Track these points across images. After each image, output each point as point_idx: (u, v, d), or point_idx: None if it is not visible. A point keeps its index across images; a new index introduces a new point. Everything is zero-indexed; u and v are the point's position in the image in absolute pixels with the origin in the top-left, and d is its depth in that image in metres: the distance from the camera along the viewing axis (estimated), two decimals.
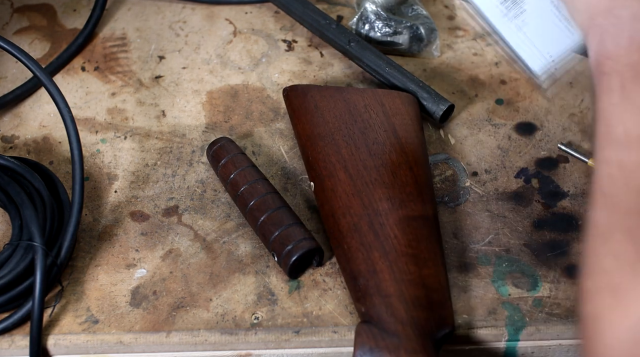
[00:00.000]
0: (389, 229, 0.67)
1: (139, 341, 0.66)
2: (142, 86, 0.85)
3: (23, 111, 0.83)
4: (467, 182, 0.76)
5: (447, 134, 0.80)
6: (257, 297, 0.68)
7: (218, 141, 0.76)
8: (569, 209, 0.74)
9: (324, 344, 0.66)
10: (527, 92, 0.84)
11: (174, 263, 0.70)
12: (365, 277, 0.65)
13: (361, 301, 0.64)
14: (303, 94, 0.78)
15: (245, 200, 0.71)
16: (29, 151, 0.79)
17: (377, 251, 0.66)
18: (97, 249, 0.72)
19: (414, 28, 0.86)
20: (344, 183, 0.70)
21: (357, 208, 0.68)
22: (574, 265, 0.70)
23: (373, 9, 0.86)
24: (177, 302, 0.68)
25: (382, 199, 0.69)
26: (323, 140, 0.73)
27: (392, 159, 0.72)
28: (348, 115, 0.75)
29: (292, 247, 0.67)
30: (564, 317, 0.67)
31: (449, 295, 0.66)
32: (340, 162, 0.72)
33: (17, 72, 0.86)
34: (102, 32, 0.91)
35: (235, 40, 0.90)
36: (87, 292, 0.69)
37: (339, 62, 0.87)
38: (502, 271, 0.70)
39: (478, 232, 0.72)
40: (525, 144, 0.79)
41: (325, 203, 0.70)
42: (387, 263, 0.65)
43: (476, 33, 0.90)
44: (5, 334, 0.66)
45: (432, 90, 0.80)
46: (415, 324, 0.62)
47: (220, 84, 0.85)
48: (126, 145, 0.80)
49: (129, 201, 0.75)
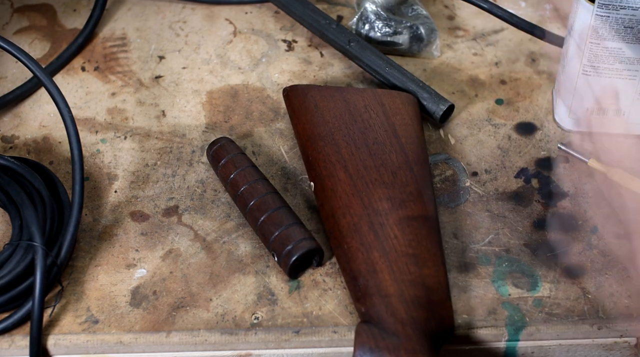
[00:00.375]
0: (389, 229, 0.67)
1: (139, 341, 0.66)
2: (142, 86, 0.85)
3: (23, 111, 0.83)
4: (467, 182, 0.76)
5: (447, 134, 0.80)
6: (257, 297, 0.68)
7: (218, 141, 0.76)
8: (569, 209, 0.74)
9: (324, 344, 0.66)
10: (527, 92, 0.84)
11: (174, 263, 0.70)
12: (365, 277, 0.65)
13: (361, 301, 0.64)
14: (303, 94, 0.78)
15: (245, 200, 0.71)
16: (29, 151, 0.79)
17: (377, 251, 0.66)
18: (97, 249, 0.72)
19: (414, 28, 0.86)
20: (344, 183, 0.70)
21: (357, 208, 0.68)
22: (574, 265, 0.70)
23: (373, 8, 0.86)
24: (177, 302, 0.68)
25: (382, 199, 0.69)
26: (323, 140, 0.73)
27: (392, 159, 0.72)
28: (348, 115, 0.75)
29: (292, 247, 0.67)
30: (564, 317, 0.67)
31: (448, 295, 0.66)
32: (340, 162, 0.72)
33: (17, 72, 0.86)
34: (102, 32, 0.91)
35: (235, 40, 0.90)
36: (87, 292, 0.69)
37: (339, 62, 0.87)
38: (502, 271, 0.70)
39: (478, 232, 0.72)
40: (525, 144, 0.79)
41: (325, 203, 0.70)
42: (387, 263, 0.65)
43: (476, 33, 0.90)
44: (5, 334, 0.66)
45: (432, 90, 0.80)
46: (415, 324, 0.62)
47: (220, 84, 0.85)
48: (126, 145, 0.80)
49: (129, 201, 0.75)
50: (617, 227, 0.72)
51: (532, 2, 0.93)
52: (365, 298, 0.64)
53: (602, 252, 0.70)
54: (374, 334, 0.61)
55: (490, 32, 0.90)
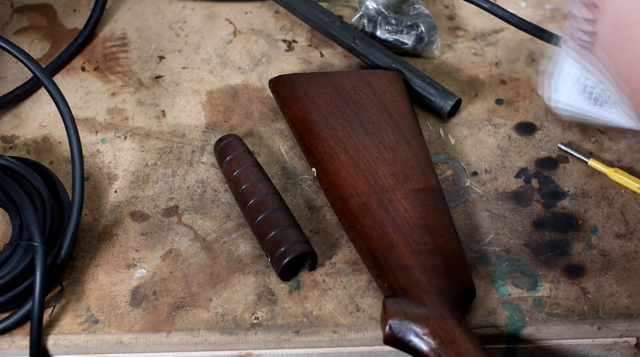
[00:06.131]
0: (398, 203, 0.68)
1: (139, 341, 0.66)
2: (142, 86, 0.85)
3: (23, 111, 0.83)
4: (467, 182, 0.76)
5: (447, 134, 0.80)
6: (257, 297, 0.68)
7: (225, 138, 0.76)
8: (569, 209, 0.74)
9: (324, 344, 0.66)
10: (527, 92, 0.84)
11: (174, 263, 0.70)
12: (383, 254, 0.66)
13: (382, 277, 0.65)
14: (290, 83, 0.79)
15: (245, 199, 0.71)
16: (29, 151, 0.79)
17: (390, 226, 0.67)
18: (97, 249, 0.72)
19: (415, 27, 0.86)
20: (347, 165, 0.71)
21: (363, 188, 0.69)
22: (574, 265, 0.70)
23: (374, 7, 0.86)
24: (177, 302, 0.68)
25: (386, 175, 0.70)
26: (318, 126, 0.74)
27: (389, 136, 0.74)
28: (339, 99, 0.77)
29: (285, 249, 0.67)
30: (564, 317, 0.67)
31: (465, 260, 0.67)
32: (339, 145, 0.73)
33: (17, 72, 0.86)
34: (102, 32, 0.91)
35: (235, 40, 0.90)
36: (87, 292, 0.69)
37: (339, 62, 0.87)
38: (502, 271, 0.70)
39: (478, 232, 0.72)
40: (525, 144, 0.79)
41: (331, 187, 0.71)
42: (403, 237, 0.66)
43: (476, 33, 0.90)
44: (5, 334, 0.66)
45: (440, 86, 0.80)
46: (439, 291, 0.63)
47: (220, 84, 0.85)
48: (126, 146, 0.80)
49: (129, 201, 0.75)
50: (617, 227, 0.72)
51: (532, 2, 0.93)
52: (387, 273, 0.65)
53: (602, 252, 0.70)
54: (401, 305, 0.62)
55: (490, 32, 0.90)
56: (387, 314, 0.62)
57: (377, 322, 0.66)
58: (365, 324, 0.66)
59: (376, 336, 0.66)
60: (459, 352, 0.60)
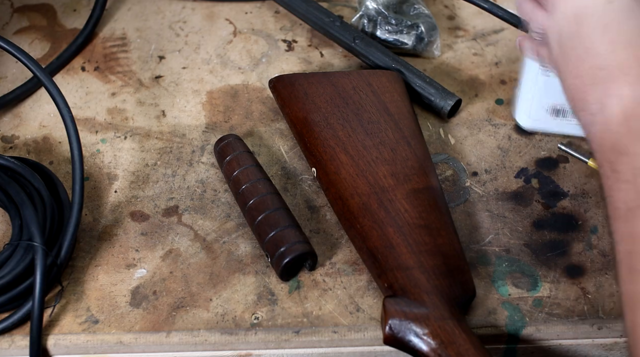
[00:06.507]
0: (398, 204, 0.68)
1: (139, 341, 0.66)
2: (142, 86, 0.85)
3: (23, 111, 0.83)
4: (467, 182, 0.76)
5: (447, 134, 0.80)
6: (257, 297, 0.68)
7: (225, 138, 0.76)
8: (569, 209, 0.74)
9: (324, 344, 0.66)
10: None
11: (174, 263, 0.70)
12: (383, 254, 0.66)
13: (382, 277, 0.65)
14: (290, 83, 0.79)
15: (245, 198, 0.71)
16: (29, 151, 0.79)
17: (390, 226, 0.67)
18: (97, 249, 0.72)
19: (415, 27, 0.86)
20: (347, 165, 0.71)
21: (363, 188, 0.70)
22: (574, 265, 0.70)
23: (374, 7, 0.86)
24: (177, 302, 0.68)
25: (386, 175, 0.70)
26: (318, 126, 0.74)
27: (388, 136, 0.74)
28: (339, 99, 0.77)
29: (285, 249, 0.67)
30: (564, 317, 0.67)
31: (465, 260, 0.67)
32: (339, 145, 0.73)
33: (17, 72, 0.86)
34: (102, 32, 0.91)
35: (235, 40, 0.90)
36: (87, 292, 0.69)
37: (339, 62, 0.87)
38: (502, 271, 0.70)
39: (478, 232, 0.72)
40: (525, 144, 0.79)
41: (331, 187, 0.71)
42: (403, 237, 0.66)
43: (476, 33, 0.90)
44: (5, 334, 0.66)
45: (440, 86, 0.80)
46: (439, 291, 0.63)
47: (220, 84, 0.85)
48: (126, 146, 0.80)
49: (129, 201, 0.75)
50: None
51: None
52: (387, 273, 0.65)
53: (602, 252, 0.70)
54: (401, 306, 0.62)
55: (490, 32, 0.90)
56: (387, 314, 0.62)
57: (377, 322, 0.66)
58: (365, 324, 0.66)
59: (376, 336, 0.66)
60: (459, 352, 0.60)
